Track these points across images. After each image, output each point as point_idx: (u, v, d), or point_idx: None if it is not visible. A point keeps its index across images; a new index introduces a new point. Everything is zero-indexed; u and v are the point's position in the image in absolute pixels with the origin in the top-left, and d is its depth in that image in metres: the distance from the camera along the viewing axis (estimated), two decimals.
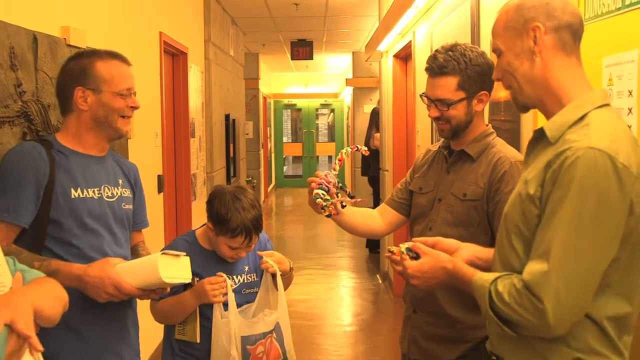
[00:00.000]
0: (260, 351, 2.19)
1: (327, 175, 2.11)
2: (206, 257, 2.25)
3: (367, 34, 9.44)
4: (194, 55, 5.74)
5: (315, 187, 2.09)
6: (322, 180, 2.09)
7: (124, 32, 3.76)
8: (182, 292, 2.20)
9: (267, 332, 2.22)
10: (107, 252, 2.01)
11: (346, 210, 2.22)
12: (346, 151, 2.20)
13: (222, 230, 2.17)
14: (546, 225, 1.41)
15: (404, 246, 1.82)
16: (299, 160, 18.24)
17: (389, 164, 6.34)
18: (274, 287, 2.29)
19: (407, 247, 1.81)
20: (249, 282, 2.30)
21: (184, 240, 2.31)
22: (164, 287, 1.97)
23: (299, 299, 6.07)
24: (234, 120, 7.95)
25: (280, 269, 2.29)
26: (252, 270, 2.32)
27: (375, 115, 7.89)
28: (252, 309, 2.27)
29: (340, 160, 2.19)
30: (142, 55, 4.16)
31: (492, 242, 1.87)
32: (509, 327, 1.47)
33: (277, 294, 2.28)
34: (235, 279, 2.25)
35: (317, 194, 2.07)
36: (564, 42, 1.51)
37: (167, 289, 2.01)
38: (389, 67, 6.32)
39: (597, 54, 1.92)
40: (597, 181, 1.36)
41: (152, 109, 4.39)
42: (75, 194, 1.96)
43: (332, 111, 17.82)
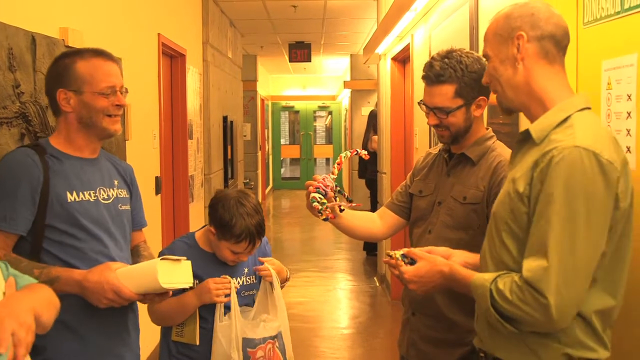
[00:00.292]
0: (260, 355, 2.18)
1: (325, 179, 2.11)
2: (206, 259, 2.25)
3: (365, 36, 9.45)
4: (192, 57, 5.74)
5: (312, 191, 2.09)
6: (320, 184, 2.09)
7: (122, 34, 3.76)
8: (182, 294, 2.19)
9: (267, 337, 2.22)
10: (106, 253, 2.00)
11: (345, 213, 2.21)
12: (345, 155, 2.19)
13: (226, 235, 2.17)
14: (539, 222, 1.46)
15: (399, 252, 1.85)
16: (296, 162, 18.24)
17: (387, 166, 6.34)
18: (272, 292, 2.28)
19: (402, 254, 1.85)
20: (248, 285, 2.30)
21: (183, 242, 2.30)
22: (165, 292, 1.97)
23: (296, 301, 6.06)
24: (231, 122, 7.95)
25: (278, 278, 2.30)
26: (251, 272, 2.32)
27: (373, 117, 7.90)
28: (251, 313, 2.27)
29: (339, 164, 2.18)
30: (140, 56, 4.16)
31: None
32: (510, 324, 1.51)
33: (274, 298, 2.28)
34: (235, 281, 2.25)
35: (314, 197, 2.08)
36: (547, 51, 1.59)
37: (170, 293, 2.00)
38: (387, 69, 6.32)
39: (596, 57, 1.92)
40: (584, 177, 1.42)
41: (150, 110, 4.39)
42: (71, 197, 1.95)
43: (330, 113, 17.83)
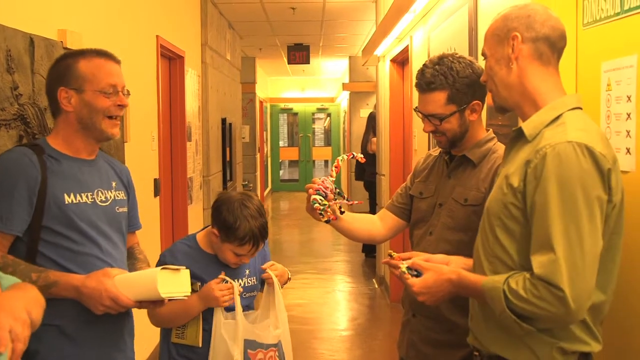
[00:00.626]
0: (259, 358, 2.18)
1: (324, 181, 2.11)
2: (208, 261, 2.25)
3: (364, 38, 9.44)
4: (190, 59, 5.74)
5: (312, 194, 2.08)
6: (320, 186, 2.09)
7: (120, 35, 3.75)
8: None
9: (270, 344, 2.22)
10: (102, 257, 1.98)
11: (345, 216, 2.21)
12: (342, 158, 2.19)
13: (230, 238, 2.17)
14: (540, 219, 1.48)
15: (404, 265, 1.82)
16: (295, 164, 18.23)
17: (386, 168, 6.33)
18: (274, 298, 2.28)
19: (407, 266, 1.82)
20: (249, 286, 2.30)
21: (184, 244, 2.30)
22: (162, 300, 1.96)
23: (295, 303, 6.05)
24: (230, 124, 7.94)
25: (279, 281, 2.31)
26: (252, 273, 2.32)
27: (372, 119, 7.90)
28: (253, 316, 2.27)
29: (337, 167, 2.17)
30: (138, 58, 4.16)
31: None
32: (527, 322, 1.51)
33: (276, 304, 2.27)
34: (237, 284, 2.24)
35: (314, 199, 2.08)
36: (541, 52, 1.62)
37: (165, 302, 1.99)
38: (386, 71, 6.32)
39: (596, 59, 1.92)
40: (579, 169, 1.45)
41: (148, 112, 4.38)
42: (68, 199, 1.93)
43: (329, 115, 17.83)
